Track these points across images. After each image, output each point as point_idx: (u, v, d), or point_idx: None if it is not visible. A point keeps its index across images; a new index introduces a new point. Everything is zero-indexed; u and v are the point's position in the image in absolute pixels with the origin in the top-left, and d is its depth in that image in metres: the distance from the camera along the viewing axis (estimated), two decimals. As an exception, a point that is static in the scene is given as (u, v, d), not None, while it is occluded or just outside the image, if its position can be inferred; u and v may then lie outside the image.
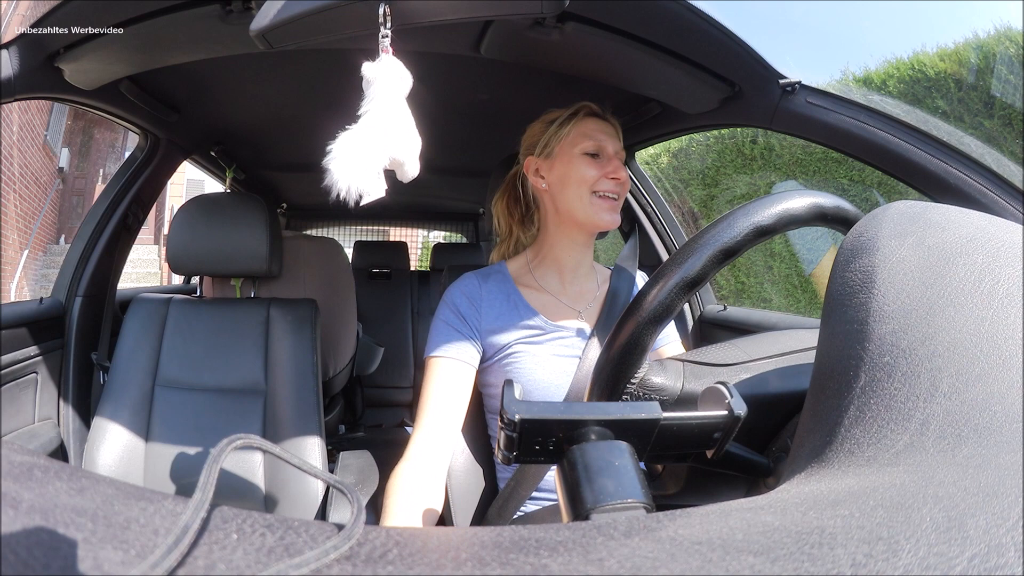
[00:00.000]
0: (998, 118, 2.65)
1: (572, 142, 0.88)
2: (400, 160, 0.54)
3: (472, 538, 0.20)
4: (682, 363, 0.52)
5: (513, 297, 0.88)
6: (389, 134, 0.52)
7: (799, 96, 0.92)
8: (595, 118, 0.90)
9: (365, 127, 0.52)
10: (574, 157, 0.87)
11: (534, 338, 0.85)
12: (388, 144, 0.52)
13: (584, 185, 0.86)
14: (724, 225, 0.46)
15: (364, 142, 0.51)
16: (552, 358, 0.84)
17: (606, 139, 0.88)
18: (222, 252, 1.33)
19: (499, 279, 0.91)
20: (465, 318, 0.86)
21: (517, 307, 0.87)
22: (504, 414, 0.33)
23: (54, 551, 0.16)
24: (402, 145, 0.53)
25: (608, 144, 0.88)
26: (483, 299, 0.87)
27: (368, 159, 0.50)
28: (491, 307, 0.87)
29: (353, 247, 2.92)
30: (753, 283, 3.91)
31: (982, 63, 2.71)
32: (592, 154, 0.87)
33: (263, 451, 0.44)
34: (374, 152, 0.51)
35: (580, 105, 0.91)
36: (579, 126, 0.89)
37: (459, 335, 0.85)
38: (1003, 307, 0.27)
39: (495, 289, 0.89)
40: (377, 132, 0.51)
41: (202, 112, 1.44)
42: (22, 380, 1.19)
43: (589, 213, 0.86)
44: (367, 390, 2.42)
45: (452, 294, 0.89)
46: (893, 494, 0.21)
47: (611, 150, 0.88)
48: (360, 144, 0.51)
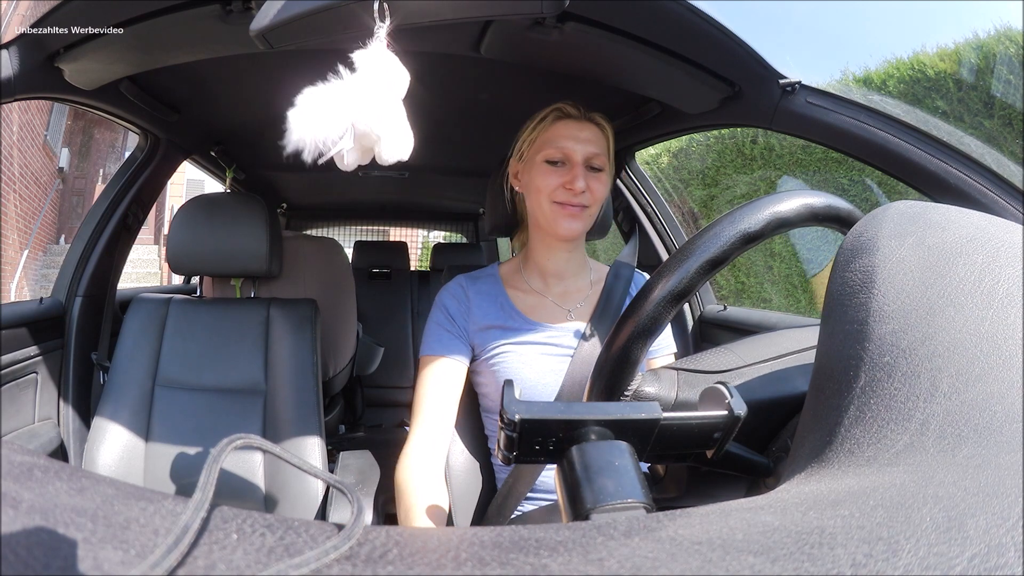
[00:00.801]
0: (998, 118, 2.65)
1: (538, 148, 0.87)
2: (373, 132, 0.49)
3: (472, 538, 0.20)
4: (676, 372, 0.52)
5: (500, 299, 0.90)
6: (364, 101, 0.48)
7: (799, 96, 0.92)
8: (568, 120, 0.86)
9: (336, 85, 0.48)
10: (536, 164, 0.86)
11: (520, 338, 0.86)
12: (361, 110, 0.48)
13: (542, 193, 0.85)
14: (710, 235, 0.45)
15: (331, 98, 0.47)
16: (539, 357, 0.85)
17: (573, 144, 0.84)
18: (222, 252, 1.33)
19: (489, 281, 0.92)
20: (454, 319, 0.88)
21: (503, 308, 0.88)
22: (504, 414, 0.33)
23: (54, 551, 0.16)
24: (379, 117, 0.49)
25: (576, 150, 0.84)
26: (471, 300, 0.89)
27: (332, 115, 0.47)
28: (479, 308, 0.88)
29: (353, 247, 2.92)
30: (753, 283, 3.91)
31: (982, 63, 2.71)
32: (553, 160, 0.85)
33: (263, 451, 0.44)
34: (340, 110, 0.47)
35: (551, 108, 0.88)
36: (547, 131, 0.87)
37: (449, 335, 0.87)
38: (1003, 307, 0.27)
39: (483, 291, 0.90)
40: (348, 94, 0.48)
41: (202, 112, 1.43)
42: (22, 380, 1.19)
43: (548, 221, 0.86)
44: (367, 390, 2.42)
45: (442, 297, 0.91)
46: (893, 494, 0.21)
47: (578, 157, 0.84)
48: (325, 99, 0.47)
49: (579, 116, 0.87)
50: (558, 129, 0.86)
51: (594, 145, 0.86)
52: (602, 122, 0.88)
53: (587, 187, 0.84)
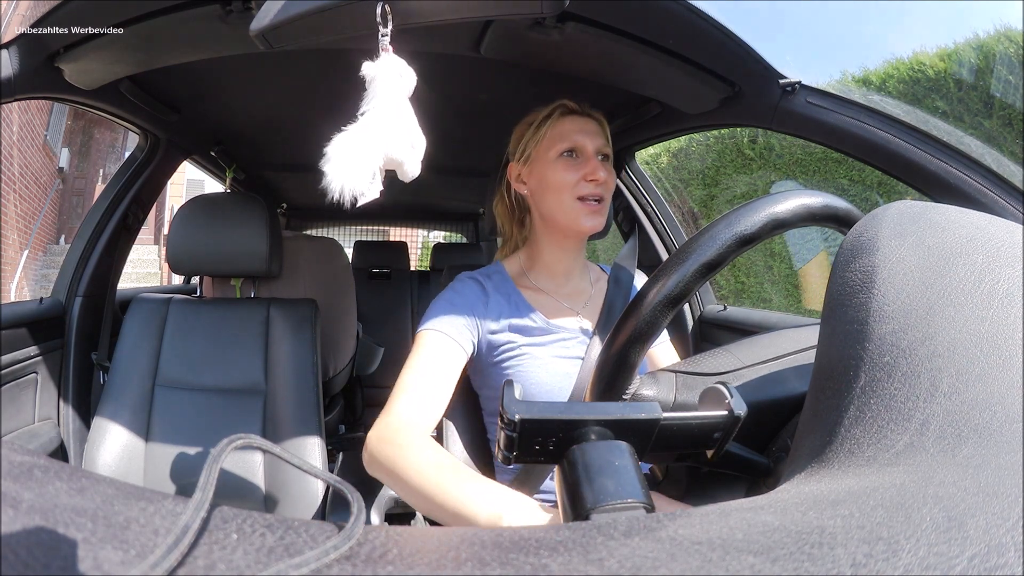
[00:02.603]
0: (998, 118, 2.65)
1: (548, 145, 0.86)
2: (399, 160, 0.53)
3: (472, 538, 0.20)
4: (674, 374, 0.51)
5: (514, 297, 0.87)
6: (387, 134, 0.51)
7: (799, 96, 0.92)
8: (573, 116, 0.87)
9: (362, 127, 0.51)
10: (550, 161, 0.85)
11: (536, 339, 0.84)
12: (386, 144, 0.51)
13: (564, 191, 0.83)
14: (706, 238, 0.45)
15: (360, 142, 0.50)
16: (554, 360, 0.83)
17: (584, 137, 0.84)
18: (222, 252, 1.33)
19: (499, 279, 0.90)
20: (472, 306, 0.83)
21: (519, 307, 0.85)
22: (504, 414, 0.33)
23: (54, 551, 0.16)
24: (401, 144, 0.52)
25: (587, 142, 0.84)
26: (490, 296, 0.86)
27: (364, 160, 0.50)
28: (496, 305, 0.85)
29: (353, 247, 2.92)
30: (753, 283, 3.91)
31: (982, 63, 2.71)
32: (569, 153, 0.84)
33: (263, 451, 0.44)
34: (370, 153, 0.50)
35: (555, 105, 0.88)
36: (554, 127, 0.86)
37: (461, 317, 0.81)
38: (1003, 307, 0.27)
39: (497, 288, 0.88)
40: (374, 132, 0.51)
41: (202, 112, 1.43)
42: (22, 380, 1.19)
43: (570, 218, 0.84)
44: (367, 390, 2.42)
45: (464, 280, 0.88)
46: (893, 494, 0.21)
47: (590, 149, 0.85)
48: (356, 145, 0.50)
49: (581, 111, 0.88)
50: (565, 124, 0.86)
51: (601, 137, 0.87)
52: (599, 116, 0.89)
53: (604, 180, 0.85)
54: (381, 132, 0.51)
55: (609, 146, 0.88)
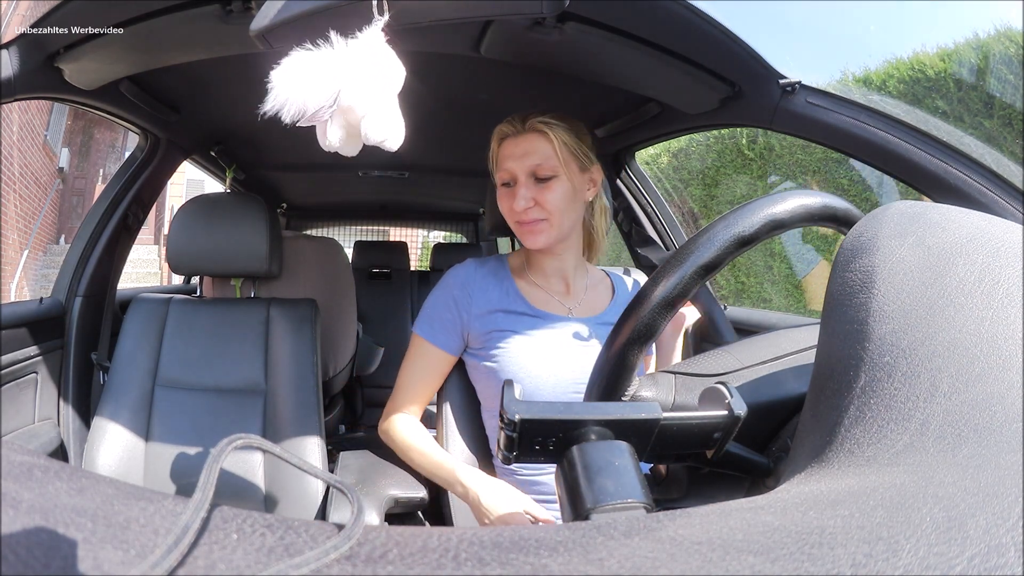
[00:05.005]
0: (998, 118, 2.65)
1: (495, 171, 0.91)
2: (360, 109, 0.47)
3: (472, 538, 0.20)
4: (674, 376, 0.51)
5: (506, 283, 0.92)
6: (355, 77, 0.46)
7: (799, 96, 0.92)
8: (508, 140, 0.87)
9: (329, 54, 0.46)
10: (498, 189, 0.91)
11: (521, 320, 0.88)
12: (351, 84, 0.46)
13: (508, 218, 0.90)
14: (704, 239, 0.45)
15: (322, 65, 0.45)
16: (538, 345, 0.86)
17: (514, 164, 0.85)
18: (222, 252, 1.33)
19: (496, 267, 0.95)
20: (457, 303, 0.90)
21: (508, 293, 0.91)
22: (504, 414, 0.33)
23: (54, 551, 0.16)
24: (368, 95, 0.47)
25: (516, 168, 0.85)
26: (476, 284, 0.91)
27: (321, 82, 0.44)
28: (483, 292, 0.90)
29: (353, 247, 2.92)
30: (753, 283, 3.91)
31: (982, 63, 2.71)
32: (505, 184, 0.88)
33: (263, 451, 0.44)
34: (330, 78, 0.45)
35: (495, 131, 0.90)
36: (497, 155, 0.90)
37: (444, 322, 0.90)
38: (1003, 307, 0.27)
39: (490, 274, 0.92)
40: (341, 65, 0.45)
41: (202, 112, 1.43)
42: (22, 380, 1.19)
43: (519, 238, 0.90)
44: (367, 390, 2.42)
45: (450, 278, 0.93)
46: (893, 494, 0.21)
47: (521, 175, 0.85)
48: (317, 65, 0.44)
49: (515, 132, 0.87)
50: (502, 151, 0.89)
51: (535, 156, 0.84)
52: (543, 127, 0.85)
53: (535, 201, 0.84)
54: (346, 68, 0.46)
55: (554, 159, 0.84)
